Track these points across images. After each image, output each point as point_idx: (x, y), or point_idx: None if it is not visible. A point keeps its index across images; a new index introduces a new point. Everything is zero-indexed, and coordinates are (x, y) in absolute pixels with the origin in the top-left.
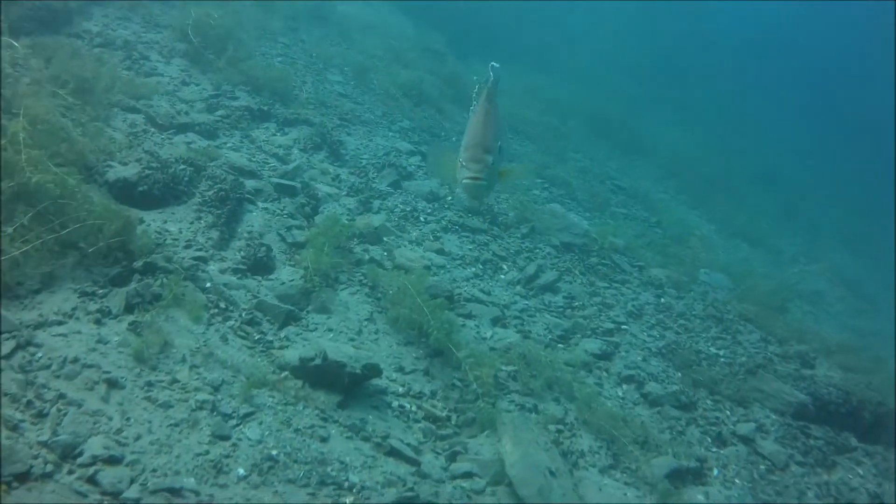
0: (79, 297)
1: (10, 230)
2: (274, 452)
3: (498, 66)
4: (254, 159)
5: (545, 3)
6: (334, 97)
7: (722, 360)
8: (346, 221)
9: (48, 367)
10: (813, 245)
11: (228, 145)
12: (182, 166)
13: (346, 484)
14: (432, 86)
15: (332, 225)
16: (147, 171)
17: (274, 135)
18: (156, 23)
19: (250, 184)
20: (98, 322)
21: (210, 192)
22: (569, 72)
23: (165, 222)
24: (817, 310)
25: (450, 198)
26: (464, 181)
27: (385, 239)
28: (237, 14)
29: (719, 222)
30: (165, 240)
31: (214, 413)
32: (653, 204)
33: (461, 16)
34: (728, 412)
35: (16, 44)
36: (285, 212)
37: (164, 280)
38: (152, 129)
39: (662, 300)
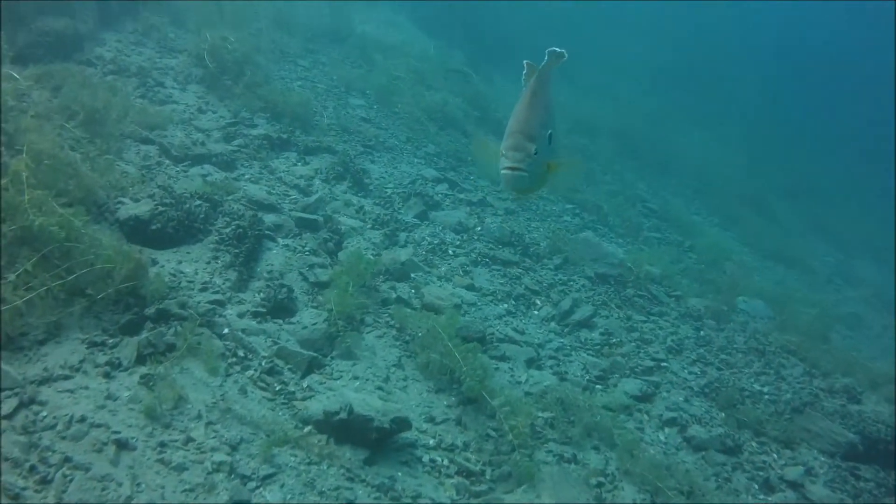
0: (87, 349)
1: (12, 277)
2: None
3: (560, 50)
4: (273, 192)
5: (564, 14)
6: (357, 122)
7: (766, 397)
8: (372, 257)
9: (53, 426)
10: (845, 263)
11: (247, 177)
12: (197, 202)
13: None
14: (457, 107)
15: (356, 262)
16: (160, 209)
17: (294, 164)
18: (171, 48)
19: (270, 219)
20: (107, 375)
21: (227, 230)
22: (592, 85)
23: (180, 262)
24: (857, 334)
25: (479, 228)
26: (503, 172)
27: (412, 275)
28: (254, 37)
29: (752, 243)
30: (180, 282)
31: (232, 475)
32: (686, 227)
33: (479, 33)
34: (775, 455)
35: (17, 76)
36: (307, 248)
37: (178, 328)
38: (167, 162)
39: (702, 333)
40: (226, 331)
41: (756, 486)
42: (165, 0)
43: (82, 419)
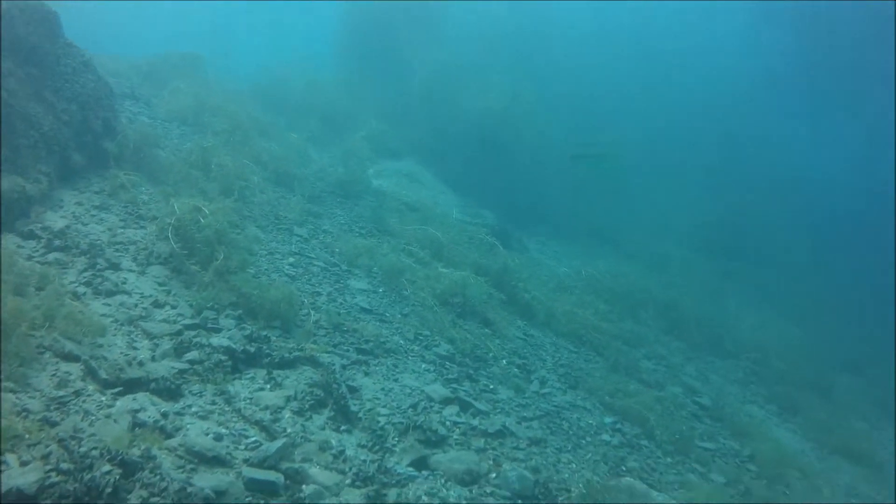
0: None
1: None
2: None
3: None
4: (225, 433)
5: (607, 175)
6: (354, 315)
7: None
8: None
9: None
10: None
11: (193, 410)
12: (106, 468)
13: None
14: (479, 289)
15: None
16: (53, 478)
17: (261, 389)
18: (139, 214)
19: (211, 482)
20: None
21: None
22: (637, 250)
23: None
24: None
25: (493, 476)
26: None
27: None
28: (240, 202)
29: (815, 437)
30: None
31: None
32: (742, 427)
33: (511, 191)
34: None
35: None
36: None
37: None
38: (90, 388)
39: None
40: None
41: None
42: (142, 155)
43: None
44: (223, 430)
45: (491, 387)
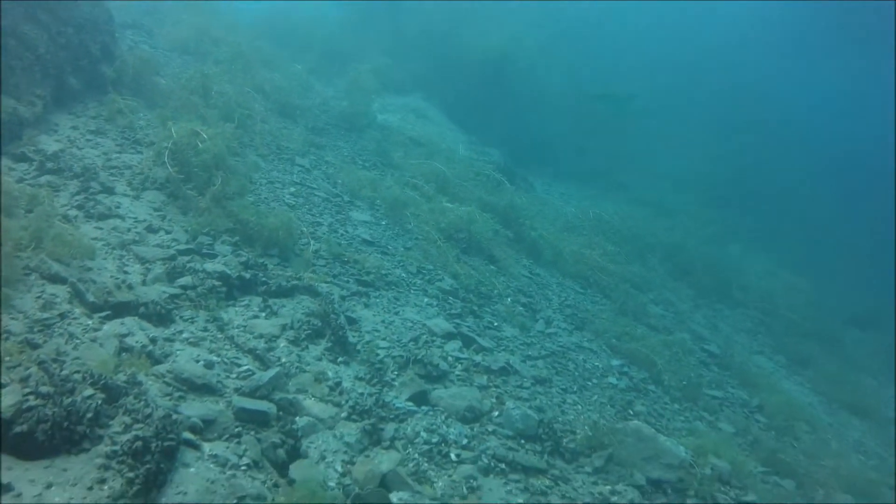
0: None
1: None
2: None
3: None
4: (217, 361)
5: (616, 121)
6: (356, 246)
7: None
8: (336, 484)
9: None
10: None
11: (184, 336)
12: (88, 392)
13: None
14: (485, 225)
15: (310, 495)
16: (31, 402)
17: (255, 316)
18: (136, 140)
19: (199, 410)
20: None
21: (125, 438)
22: (642, 194)
23: (49, 487)
24: None
25: (496, 414)
26: None
27: (395, 499)
28: (242, 129)
29: (824, 391)
30: None
31: None
32: (751, 377)
33: (519, 128)
34: None
35: None
36: (243, 462)
37: None
38: (76, 311)
39: None
40: None
41: None
42: (141, 81)
43: None
44: (214, 358)
45: (495, 324)
